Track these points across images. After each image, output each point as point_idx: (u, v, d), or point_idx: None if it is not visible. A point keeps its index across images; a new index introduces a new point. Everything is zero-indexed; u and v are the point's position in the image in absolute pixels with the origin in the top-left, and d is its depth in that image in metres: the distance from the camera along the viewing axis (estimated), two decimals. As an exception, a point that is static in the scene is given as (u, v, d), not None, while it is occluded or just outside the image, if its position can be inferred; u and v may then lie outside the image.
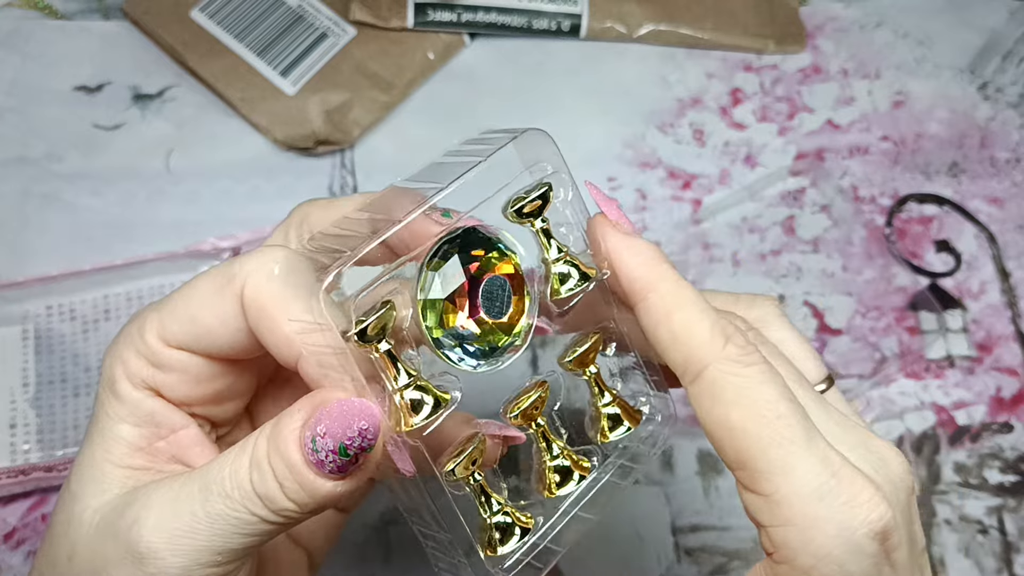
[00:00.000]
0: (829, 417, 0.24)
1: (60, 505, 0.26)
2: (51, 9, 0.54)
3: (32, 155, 0.49)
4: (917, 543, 0.24)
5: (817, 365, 0.27)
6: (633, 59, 0.53)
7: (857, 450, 0.23)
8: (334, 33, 0.51)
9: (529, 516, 0.28)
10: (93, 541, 0.25)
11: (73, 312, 0.44)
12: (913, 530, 0.24)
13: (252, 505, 0.24)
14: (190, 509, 0.24)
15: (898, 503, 0.23)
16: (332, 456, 0.23)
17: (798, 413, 0.22)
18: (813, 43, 0.54)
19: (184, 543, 0.23)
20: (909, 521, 0.24)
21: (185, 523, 0.23)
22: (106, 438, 0.25)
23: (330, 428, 0.23)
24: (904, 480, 0.24)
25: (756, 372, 0.23)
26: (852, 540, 0.22)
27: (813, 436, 0.22)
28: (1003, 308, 0.47)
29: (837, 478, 0.22)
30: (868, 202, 0.49)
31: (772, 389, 0.22)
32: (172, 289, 0.40)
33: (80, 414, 0.42)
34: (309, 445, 0.23)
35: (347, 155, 0.50)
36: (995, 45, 0.54)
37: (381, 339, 0.24)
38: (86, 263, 0.46)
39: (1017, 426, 0.44)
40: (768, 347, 0.25)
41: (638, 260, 0.24)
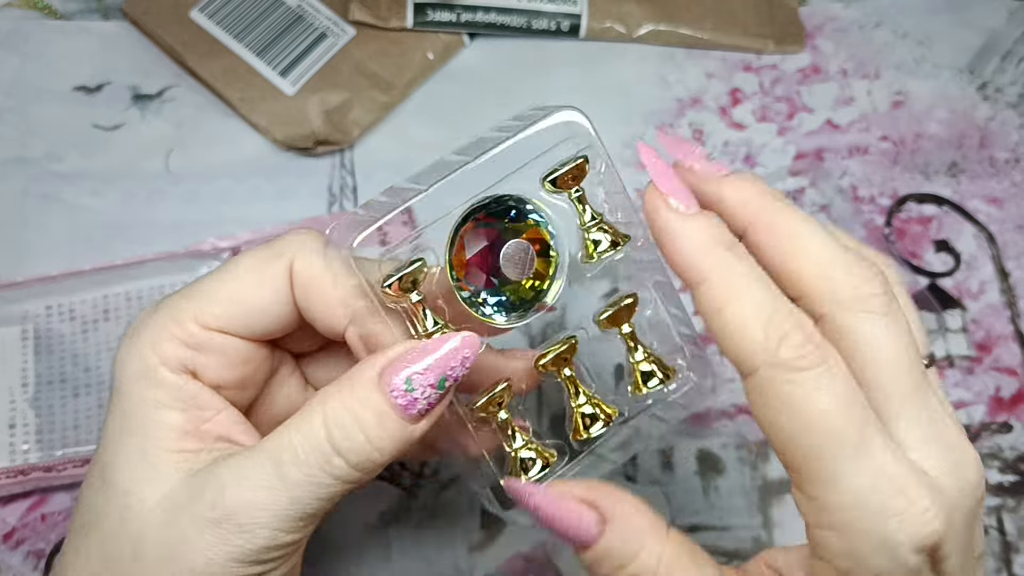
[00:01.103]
0: (921, 412, 0.22)
1: (103, 506, 0.26)
2: (50, 9, 0.54)
3: (31, 155, 0.49)
4: (974, 549, 0.23)
5: (923, 341, 0.24)
6: (633, 59, 0.53)
7: (937, 451, 0.22)
8: (333, 33, 0.51)
9: (552, 453, 0.29)
10: (164, 531, 0.25)
11: (73, 312, 0.44)
12: (973, 536, 0.23)
13: (330, 466, 0.24)
14: (267, 484, 0.24)
15: (961, 509, 0.22)
16: (431, 392, 0.24)
17: (855, 421, 0.21)
18: (812, 43, 0.54)
19: (265, 516, 0.24)
20: (969, 528, 0.23)
21: (264, 497, 0.24)
22: (151, 428, 0.26)
23: (434, 363, 0.24)
24: (975, 486, 0.23)
25: (811, 377, 0.21)
26: (894, 553, 0.21)
27: (870, 445, 0.21)
28: (1002, 308, 0.47)
29: (891, 489, 0.21)
30: (867, 202, 0.49)
31: (826, 397, 0.21)
32: (172, 289, 0.43)
33: (80, 414, 0.42)
34: (401, 388, 0.24)
35: (347, 155, 0.50)
36: (994, 45, 0.54)
37: (412, 291, 0.26)
38: (86, 263, 0.46)
39: (1016, 426, 0.44)
40: (896, 311, 0.22)
41: (688, 245, 0.22)
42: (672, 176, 0.23)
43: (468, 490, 0.42)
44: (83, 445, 0.42)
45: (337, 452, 0.24)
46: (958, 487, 0.22)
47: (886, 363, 0.22)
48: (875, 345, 0.22)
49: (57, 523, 0.42)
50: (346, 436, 0.24)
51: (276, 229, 0.47)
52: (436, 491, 0.41)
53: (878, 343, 0.22)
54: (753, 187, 0.23)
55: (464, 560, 0.41)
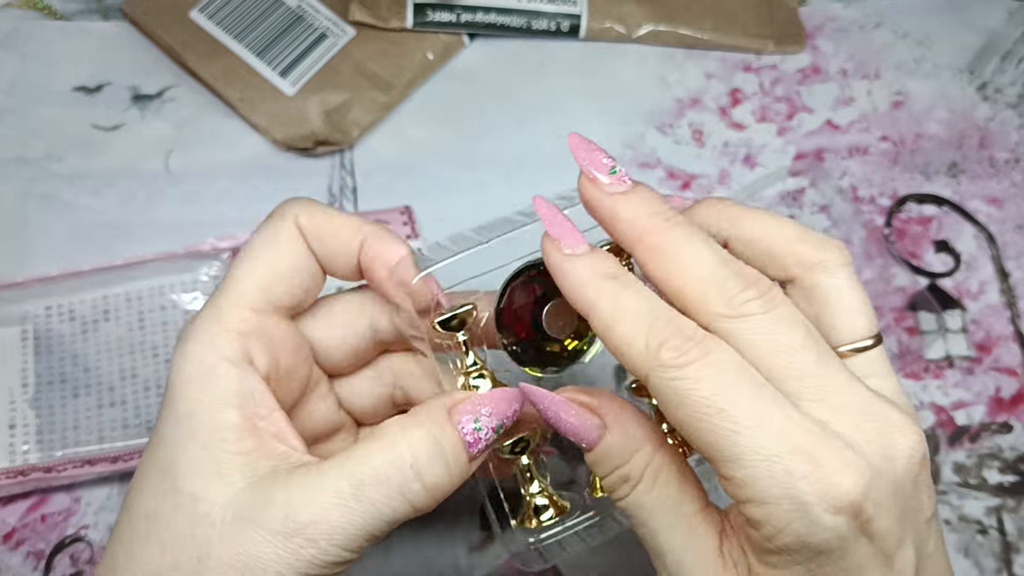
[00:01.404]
0: (824, 387, 0.24)
1: (170, 510, 0.26)
2: (50, 9, 0.54)
3: (31, 155, 0.49)
4: (920, 512, 0.24)
5: (866, 321, 0.26)
6: (632, 59, 0.53)
7: (850, 419, 0.23)
8: (333, 33, 0.51)
9: (566, 504, 0.31)
10: (233, 539, 0.25)
11: (72, 312, 0.44)
12: (912, 499, 0.24)
13: (409, 491, 0.26)
14: (341, 502, 0.25)
15: (887, 473, 0.23)
16: (491, 434, 0.27)
17: (745, 399, 0.23)
18: (812, 43, 0.54)
19: (337, 534, 0.25)
20: (903, 491, 0.24)
21: (337, 515, 0.25)
22: (213, 429, 0.26)
23: (497, 408, 0.27)
24: (905, 448, 0.24)
25: (692, 371, 0.23)
26: (810, 516, 0.22)
27: (766, 418, 0.23)
28: (1002, 308, 0.47)
29: (795, 455, 0.22)
30: (867, 202, 0.49)
31: (709, 384, 0.23)
32: (171, 290, 0.43)
33: (80, 415, 0.42)
34: (471, 427, 0.27)
35: (346, 155, 0.50)
36: (994, 45, 0.54)
37: (460, 330, 0.29)
38: (86, 263, 0.46)
39: (1016, 426, 0.44)
40: (780, 308, 0.24)
41: (576, 281, 0.25)
42: (562, 223, 0.26)
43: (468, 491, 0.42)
44: (83, 446, 0.42)
45: (418, 477, 0.26)
46: (880, 451, 0.23)
47: (775, 354, 0.23)
48: (764, 340, 0.23)
49: (57, 523, 0.42)
50: (429, 463, 0.26)
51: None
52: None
53: (759, 340, 0.23)
54: (642, 206, 0.25)
55: (464, 560, 0.41)
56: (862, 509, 0.22)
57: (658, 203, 0.25)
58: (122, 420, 0.42)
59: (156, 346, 0.44)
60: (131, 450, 0.42)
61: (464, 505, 0.42)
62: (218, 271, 0.45)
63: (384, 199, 0.49)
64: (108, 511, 0.42)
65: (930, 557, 0.25)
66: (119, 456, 0.41)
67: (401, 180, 0.50)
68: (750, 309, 0.24)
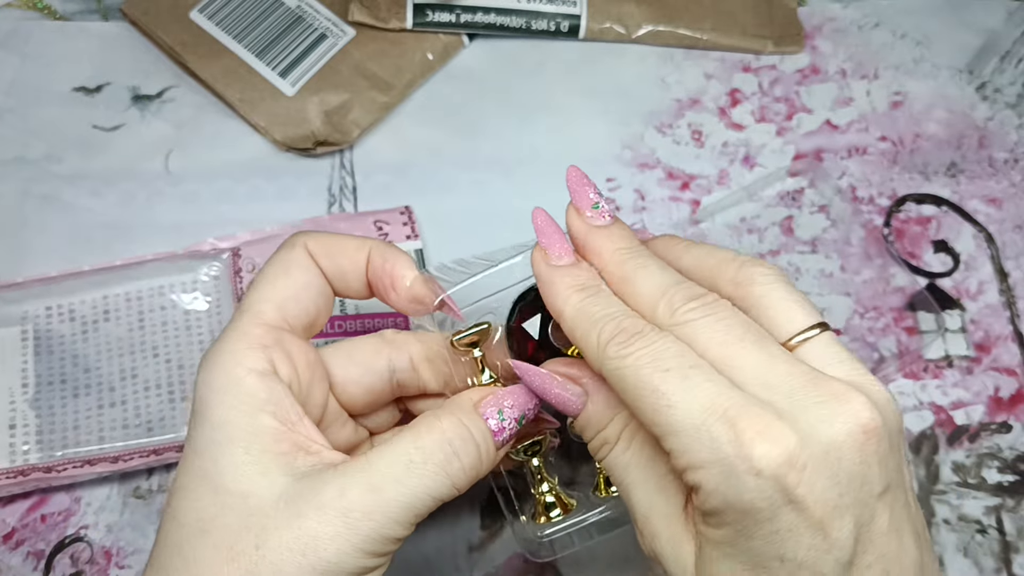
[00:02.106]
0: (769, 370, 0.26)
1: (219, 509, 0.27)
2: (50, 10, 0.54)
3: (31, 156, 0.49)
4: (865, 484, 0.25)
5: (804, 314, 0.27)
6: (632, 60, 0.53)
7: (779, 394, 0.25)
8: (333, 34, 0.51)
9: (573, 502, 0.34)
10: (290, 523, 0.27)
11: (72, 313, 0.44)
12: (855, 470, 0.25)
13: (451, 467, 0.29)
14: (394, 478, 0.28)
15: (820, 442, 0.24)
16: (514, 424, 0.30)
17: (676, 376, 0.25)
18: (811, 44, 0.54)
19: (392, 508, 0.27)
20: (840, 460, 0.24)
21: (392, 490, 0.28)
22: (251, 433, 0.28)
23: (517, 402, 0.31)
24: (844, 416, 0.25)
25: (632, 360, 0.26)
26: (736, 480, 0.24)
27: (694, 390, 0.25)
28: (1001, 308, 0.47)
29: (720, 422, 0.24)
30: (866, 202, 0.49)
31: (647, 369, 0.26)
32: (171, 290, 0.43)
33: (80, 415, 0.42)
34: (496, 418, 0.30)
35: (346, 156, 0.50)
36: (993, 45, 0.54)
37: (475, 347, 0.33)
38: (85, 264, 0.46)
39: (1015, 426, 0.44)
40: (720, 312, 0.27)
41: (552, 290, 0.29)
42: (551, 233, 0.30)
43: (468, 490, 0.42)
44: (83, 446, 0.42)
45: (457, 456, 0.29)
46: (816, 419, 0.24)
47: (715, 347, 0.26)
48: (701, 338, 0.26)
49: (57, 523, 0.42)
50: (463, 446, 0.29)
51: (276, 230, 0.47)
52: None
53: (703, 337, 0.26)
54: (610, 242, 0.29)
55: (464, 560, 0.41)
56: (786, 473, 0.24)
57: (624, 240, 0.29)
58: (122, 420, 0.42)
59: (156, 346, 0.44)
60: (131, 450, 0.42)
61: (464, 505, 0.42)
62: (218, 271, 0.45)
63: (384, 199, 0.49)
64: (108, 511, 0.42)
65: (884, 535, 0.25)
66: (119, 456, 0.41)
67: (401, 180, 0.50)
68: (691, 316, 0.27)
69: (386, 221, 0.47)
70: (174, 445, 0.42)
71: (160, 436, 0.42)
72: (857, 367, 0.27)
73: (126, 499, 0.42)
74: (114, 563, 0.41)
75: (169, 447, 0.42)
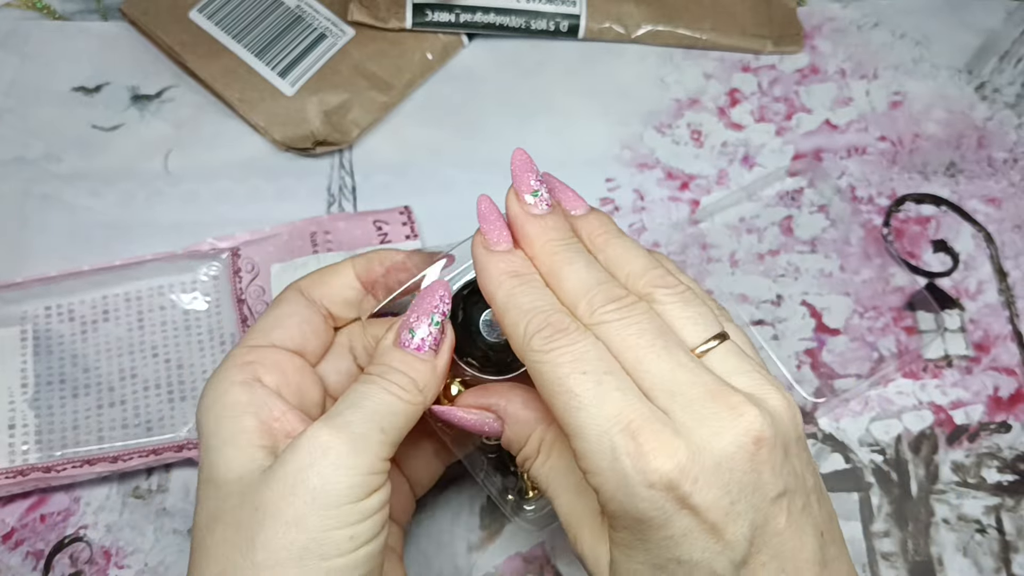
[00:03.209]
0: (674, 376, 0.27)
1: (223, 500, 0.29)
2: (50, 9, 0.54)
3: (31, 155, 0.49)
4: (759, 489, 0.26)
5: (698, 328, 0.29)
6: (631, 60, 0.53)
7: (690, 403, 0.27)
8: (332, 34, 0.51)
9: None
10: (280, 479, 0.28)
11: (72, 313, 0.44)
12: (747, 478, 0.26)
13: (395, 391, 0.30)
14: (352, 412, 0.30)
15: (711, 452, 0.26)
16: (429, 330, 0.31)
17: (591, 381, 0.27)
18: (811, 43, 0.54)
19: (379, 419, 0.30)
20: (733, 470, 0.26)
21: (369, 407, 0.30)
22: (236, 432, 0.30)
23: (419, 310, 0.32)
24: (735, 430, 0.26)
25: (552, 357, 0.27)
26: (630, 489, 0.26)
27: (604, 399, 0.26)
28: (1001, 308, 0.47)
29: (622, 433, 0.26)
30: (866, 202, 0.49)
31: (565, 368, 0.27)
32: (170, 290, 0.43)
33: (79, 415, 0.42)
34: (408, 337, 0.31)
35: (346, 155, 0.50)
36: (992, 45, 0.54)
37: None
38: (85, 263, 0.46)
39: (1015, 426, 0.44)
40: (635, 316, 0.28)
41: (486, 275, 0.30)
42: (492, 220, 0.31)
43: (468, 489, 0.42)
44: (82, 446, 0.42)
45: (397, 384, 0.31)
46: (709, 433, 0.26)
47: (627, 351, 0.27)
48: (616, 341, 0.28)
49: (56, 523, 0.42)
50: (393, 375, 0.31)
51: (275, 230, 0.47)
52: (436, 491, 0.41)
53: (617, 340, 0.28)
54: (543, 232, 0.30)
55: (464, 560, 0.41)
56: (677, 485, 0.26)
57: (557, 231, 0.30)
58: (121, 420, 0.42)
59: (155, 346, 0.44)
60: (130, 450, 0.42)
61: (464, 505, 0.42)
62: (217, 271, 0.45)
63: (383, 199, 0.49)
64: (107, 511, 0.42)
65: (779, 534, 0.27)
66: (119, 456, 0.41)
67: (400, 180, 0.50)
68: (608, 317, 0.28)
69: (385, 221, 0.47)
70: (173, 445, 0.42)
71: (159, 436, 0.42)
72: (756, 378, 0.28)
73: (125, 499, 0.42)
74: (113, 563, 0.41)
75: (168, 447, 0.42)
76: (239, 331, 0.44)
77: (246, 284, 0.45)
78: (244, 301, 0.44)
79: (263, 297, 0.44)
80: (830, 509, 0.30)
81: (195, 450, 0.42)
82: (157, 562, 0.41)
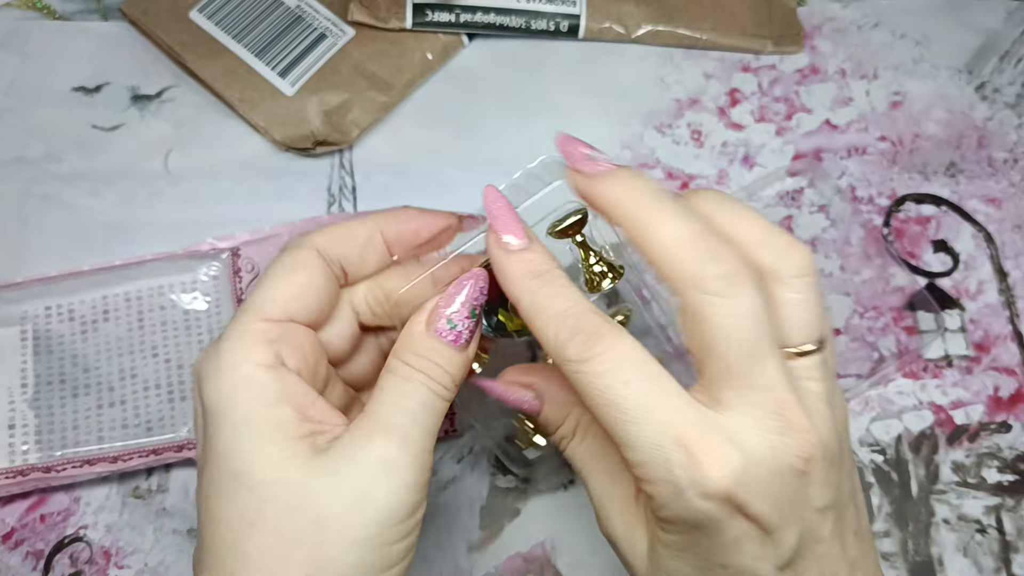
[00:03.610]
0: (754, 379, 0.26)
1: (261, 503, 0.28)
2: (50, 9, 0.54)
3: (31, 156, 0.49)
4: (807, 502, 0.27)
5: (812, 330, 0.28)
6: (631, 60, 0.53)
7: (754, 413, 0.26)
8: (333, 34, 0.51)
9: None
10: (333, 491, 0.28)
11: (72, 312, 0.44)
12: (798, 491, 0.26)
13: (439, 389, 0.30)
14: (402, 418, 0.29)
15: (768, 465, 0.26)
16: (467, 322, 0.31)
17: (635, 392, 0.26)
18: (811, 44, 0.54)
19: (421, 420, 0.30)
20: (785, 483, 0.26)
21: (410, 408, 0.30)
22: (273, 427, 0.28)
23: (462, 300, 0.31)
24: (794, 450, 0.26)
25: (591, 367, 0.26)
26: (683, 498, 0.25)
27: (653, 410, 0.26)
28: (1001, 308, 0.47)
29: (676, 444, 0.25)
30: (866, 202, 0.49)
31: (605, 379, 0.26)
32: (171, 290, 0.43)
33: (79, 415, 0.42)
34: (446, 327, 0.30)
35: (346, 155, 0.50)
36: (993, 45, 0.54)
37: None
38: (85, 264, 0.46)
39: (1015, 426, 0.44)
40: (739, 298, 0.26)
41: (506, 276, 0.29)
42: (503, 215, 0.29)
43: (468, 490, 0.42)
44: (82, 446, 0.42)
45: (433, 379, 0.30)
46: (768, 447, 0.26)
47: (721, 339, 0.26)
48: (712, 323, 0.26)
49: (56, 523, 0.42)
50: (433, 369, 0.30)
51: (275, 230, 0.47)
52: (436, 491, 0.41)
53: (714, 321, 0.26)
54: (620, 187, 0.28)
55: (464, 560, 0.41)
56: (732, 495, 0.25)
57: (639, 180, 0.28)
58: (121, 420, 0.42)
59: (156, 346, 0.44)
60: (130, 450, 0.42)
61: (464, 505, 0.42)
62: (217, 271, 0.45)
63: (383, 199, 0.49)
64: (107, 511, 0.42)
65: (825, 541, 0.27)
66: (119, 456, 0.41)
67: (400, 180, 0.50)
68: (713, 287, 0.26)
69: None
70: (173, 445, 0.42)
71: (159, 436, 0.42)
72: (822, 395, 0.27)
73: (125, 499, 0.42)
74: (113, 563, 0.41)
75: (168, 447, 0.42)
76: None
77: (246, 284, 0.45)
78: (244, 300, 0.44)
79: None
80: (861, 503, 0.30)
81: (195, 450, 0.42)
82: (157, 562, 0.41)
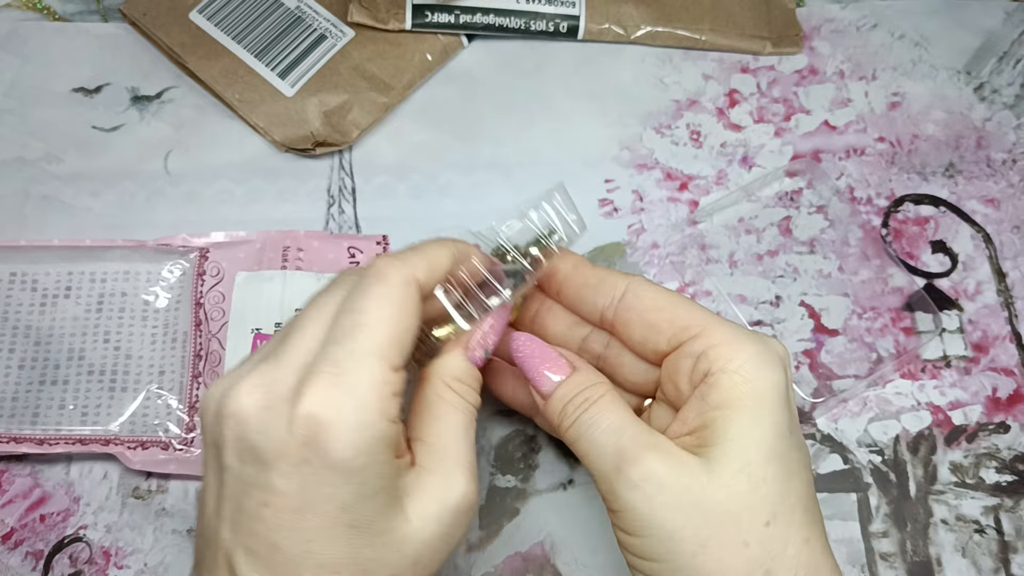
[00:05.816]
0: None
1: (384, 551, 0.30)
2: (50, 11, 0.54)
3: (31, 156, 0.49)
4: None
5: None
6: (630, 61, 0.53)
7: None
8: (332, 35, 0.51)
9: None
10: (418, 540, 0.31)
11: (36, 283, 0.44)
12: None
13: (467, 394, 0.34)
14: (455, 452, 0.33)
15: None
16: (491, 348, 0.36)
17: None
18: (810, 44, 0.54)
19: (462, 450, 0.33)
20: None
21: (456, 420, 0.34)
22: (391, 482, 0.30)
23: (496, 339, 0.36)
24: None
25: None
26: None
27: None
28: (999, 309, 0.47)
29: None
30: (864, 203, 0.49)
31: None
32: (136, 276, 0.45)
33: (20, 387, 0.42)
34: (480, 355, 0.35)
35: (345, 156, 0.50)
36: (991, 46, 0.54)
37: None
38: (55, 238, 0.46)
39: (1013, 426, 0.44)
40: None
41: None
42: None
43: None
44: (16, 420, 0.41)
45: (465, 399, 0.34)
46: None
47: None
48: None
49: (56, 523, 0.42)
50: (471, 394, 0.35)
51: (253, 235, 0.46)
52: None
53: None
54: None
55: (463, 560, 0.41)
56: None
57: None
58: (60, 400, 0.42)
59: (109, 332, 0.43)
60: (61, 435, 0.41)
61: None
62: (182, 270, 0.45)
63: (383, 200, 0.49)
64: (107, 511, 0.42)
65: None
66: (46, 439, 0.41)
67: (400, 181, 0.50)
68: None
69: (360, 248, 0.46)
70: (101, 438, 0.41)
71: (92, 427, 0.42)
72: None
73: (125, 499, 0.42)
74: (113, 563, 0.41)
75: (96, 439, 0.41)
76: (192, 332, 0.44)
77: (207, 288, 0.44)
78: (202, 305, 0.44)
79: (221, 304, 0.44)
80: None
81: (120, 447, 0.41)
82: (157, 562, 0.41)
